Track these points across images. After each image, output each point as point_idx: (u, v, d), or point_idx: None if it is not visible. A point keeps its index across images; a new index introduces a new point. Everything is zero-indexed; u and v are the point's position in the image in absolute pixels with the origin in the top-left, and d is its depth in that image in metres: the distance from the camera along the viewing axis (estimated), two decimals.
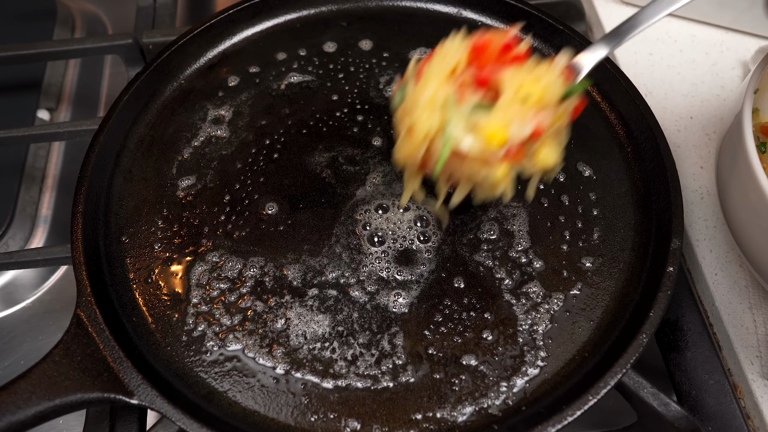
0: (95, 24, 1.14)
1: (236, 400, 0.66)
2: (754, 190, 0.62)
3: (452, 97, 0.60)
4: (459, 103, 0.60)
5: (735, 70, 0.94)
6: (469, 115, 0.60)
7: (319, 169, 0.80)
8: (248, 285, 0.72)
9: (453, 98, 0.60)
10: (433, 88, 0.59)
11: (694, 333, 0.76)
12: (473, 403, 0.65)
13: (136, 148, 0.82)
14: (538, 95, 0.60)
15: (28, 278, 0.89)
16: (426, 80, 0.61)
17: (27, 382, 0.61)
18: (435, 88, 0.60)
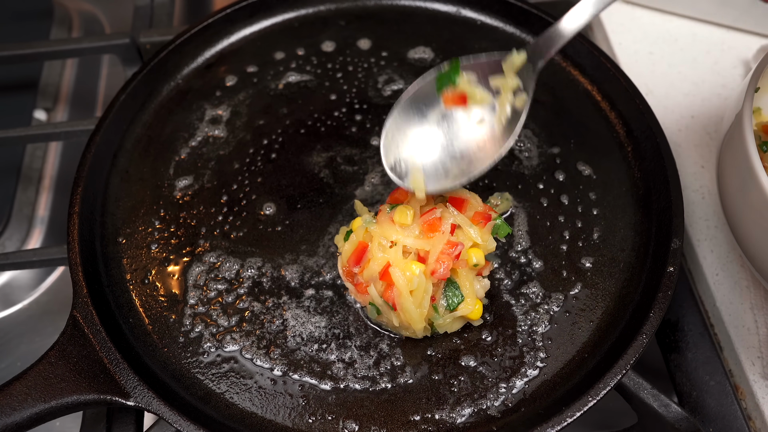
0: (92, 23, 1.14)
1: (233, 402, 0.65)
2: (755, 189, 0.62)
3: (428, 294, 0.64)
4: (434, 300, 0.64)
5: (736, 69, 0.94)
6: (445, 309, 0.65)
7: (317, 169, 0.80)
8: (246, 286, 0.72)
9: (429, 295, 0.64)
10: (414, 310, 0.63)
11: (694, 334, 0.75)
12: (472, 404, 0.65)
13: (133, 148, 0.82)
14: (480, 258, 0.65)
15: (24, 279, 0.89)
16: (404, 307, 0.63)
17: (23, 383, 0.61)
18: (416, 311, 0.63)
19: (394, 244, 0.65)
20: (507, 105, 0.63)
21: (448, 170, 0.62)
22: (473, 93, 0.63)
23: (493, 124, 0.62)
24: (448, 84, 0.63)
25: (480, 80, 0.63)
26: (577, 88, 0.85)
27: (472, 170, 0.62)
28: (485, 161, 0.61)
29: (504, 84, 0.63)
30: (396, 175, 0.62)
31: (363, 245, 0.68)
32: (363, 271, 0.67)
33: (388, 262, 0.65)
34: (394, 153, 0.62)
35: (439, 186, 0.61)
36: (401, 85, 0.86)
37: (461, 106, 0.63)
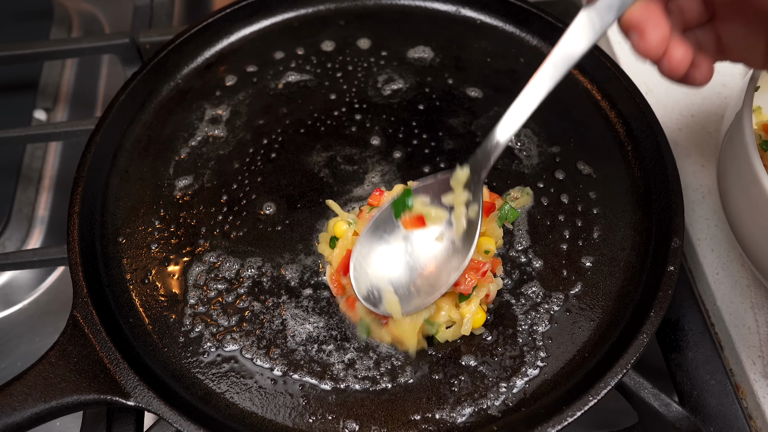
0: (92, 23, 1.14)
1: (234, 402, 0.65)
2: (755, 188, 0.62)
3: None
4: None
5: (736, 68, 0.94)
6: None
7: (317, 168, 0.80)
8: (246, 285, 0.72)
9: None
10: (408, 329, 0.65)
11: (695, 333, 0.75)
12: (472, 403, 0.65)
13: (133, 148, 0.81)
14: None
15: (24, 279, 0.89)
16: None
17: (23, 383, 0.61)
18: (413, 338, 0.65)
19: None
20: (462, 218, 0.66)
21: (419, 288, 0.65)
22: (428, 213, 0.67)
23: (452, 238, 0.66)
24: (404, 209, 0.67)
25: (433, 200, 0.68)
26: (577, 87, 0.85)
27: (441, 284, 0.65)
28: (452, 273, 0.65)
29: (455, 199, 0.67)
30: (371, 304, 0.65)
31: (350, 253, 0.68)
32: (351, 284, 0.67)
33: None
34: (365, 282, 0.65)
35: (413, 306, 0.64)
36: (401, 85, 0.86)
37: (420, 227, 0.67)
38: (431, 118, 0.83)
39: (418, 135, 0.82)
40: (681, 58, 0.55)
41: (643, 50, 0.54)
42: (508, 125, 0.65)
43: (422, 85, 0.86)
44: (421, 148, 0.81)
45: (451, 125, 0.83)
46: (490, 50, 0.89)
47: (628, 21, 0.54)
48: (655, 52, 0.54)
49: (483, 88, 0.86)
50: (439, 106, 0.84)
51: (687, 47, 0.55)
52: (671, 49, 0.54)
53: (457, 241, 0.66)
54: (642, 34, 0.53)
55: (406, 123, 0.83)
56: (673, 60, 0.55)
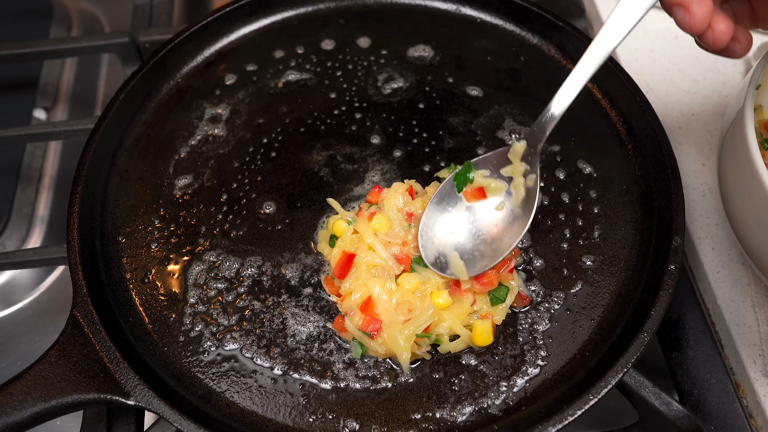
0: (92, 22, 1.14)
1: (234, 401, 0.65)
2: (756, 187, 0.62)
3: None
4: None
5: (737, 67, 0.94)
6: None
7: (317, 167, 0.80)
8: (246, 285, 0.72)
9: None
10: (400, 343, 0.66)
11: (695, 332, 0.75)
12: (473, 402, 0.65)
13: (133, 147, 0.81)
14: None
15: (25, 279, 0.89)
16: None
17: (23, 383, 0.61)
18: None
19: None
20: (521, 187, 0.71)
21: (482, 253, 0.69)
22: (488, 184, 0.72)
23: (512, 206, 0.71)
24: (466, 182, 0.72)
25: (492, 173, 0.72)
26: None
27: (504, 248, 0.69)
28: (514, 238, 0.69)
29: (514, 170, 0.71)
30: (439, 269, 0.68)
31: (348, 255, 0.69)
32: (343, 300, 0.68)
33: (370, 296, 0.67)
34: (432, 250, 0.69)
35: (478, 268, 0.68)
36: (401, 84, 0.86)
37: (481, 199, 0.72)
38: (431, 117, 0.83)
39: (419, 134, 0.82)
40: (724, 31, 0.58)
41: (690, 25, 0.57)
42: (563, 97, 0.69)
43: (422, 84, 0.86)
44: (422, 146, 0.81)
45: (451, 124, 0.83)
46: (490, 49, 0.89)
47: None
48: (701, 27, 0.57)
49: (483, 86, 0.85)
50: (439, 104, 0.84)
51: (728, 20, 0.58)
52: (714, 22, 0.57)
53: (517, 209, 0.70)
54: (688, 9, 0.56)
55: (406, 122, 0.83)
56: (717, 32, 0.58)
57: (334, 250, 0.71)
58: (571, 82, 0.68)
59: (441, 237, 0.70)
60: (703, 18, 0.57)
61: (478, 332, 0.66)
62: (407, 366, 0.66)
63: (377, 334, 0.65)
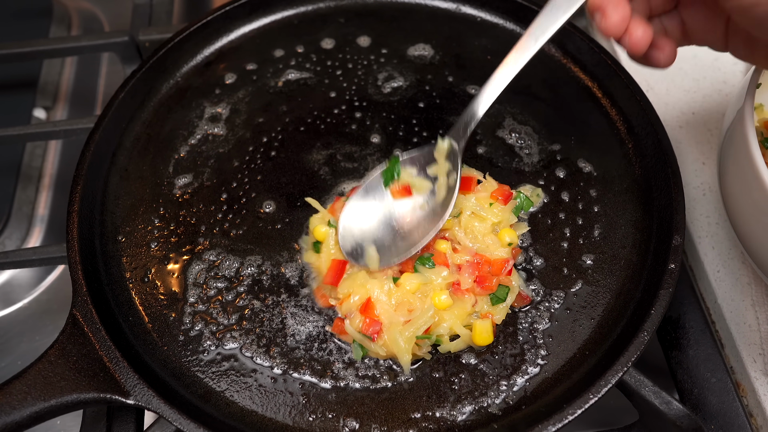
0: (91, 22, 1.14)
1: (234, 400, 0.65)
2: (756, 186, 0.62)
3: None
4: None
5: (737, 65, 0.93)
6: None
7: (317, 166, 0.80)
8: (245, 284, 0.72)
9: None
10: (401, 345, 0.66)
11: (696, 331, 0.75)
12: (473, 402, 0.65)
13: (133, 146, 0.81)
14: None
15: (24, 278, 0.89)
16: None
17: (22, 382, 0.61)
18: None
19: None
20: (443, 188, 0.72)
21: (398, 248, 0.70)
22: (414, 183, 0.73)
23: (434, 206, 0.71)
24: (392, 178, 0.73)
25: (419, 171, 0.73)
26: (578, 85, 0.85)
27: (417, 243, 0.70)
28: (428, 234, 0.70)
29: (439, 170, 0.72)
30: (353, 258, 0.69)
31: (340, 262, 0.69)
32: (342, 303, 0.68)
33: (369, 298, 0.66)
34: (350, 241, 0.70)
35: (390, 261, 0.69)
36: (401, 82, 0.86)
37: (406, 197, 0.72)
38: (431, 116, 0.83)
39: (419, 133, 0.82)
40: (641, 37, 0.61)
41: (604, 28, 0.60)
42: (485, 98, 0.71)
43: (422, 83, 0.86)
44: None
45: (451, 123, 0.82)
46: (490, 48, 0.89)
47: (593, 3, 0.61)
48: (616, 30, 0.60)
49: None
50: (439, 103, 0.84)
51: (646, 27, 0.61)
52: (631, 28, 0.60)
53: (437, 208, 0.71)
54: (604, 13, 0.60)
55: (406, 121, 0.83)
56: (633, 37, 0.61)
57: (321, 257, 0.71)
58: (493, 84, 0.70)
59: (361, 228, 0.71)
60: (618, 22, 0.59)
61: (478, 332, 0.66)
62: (408, 367, 0.66)
63: (378, 336, 0.65)
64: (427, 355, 0.67)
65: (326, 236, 0.71)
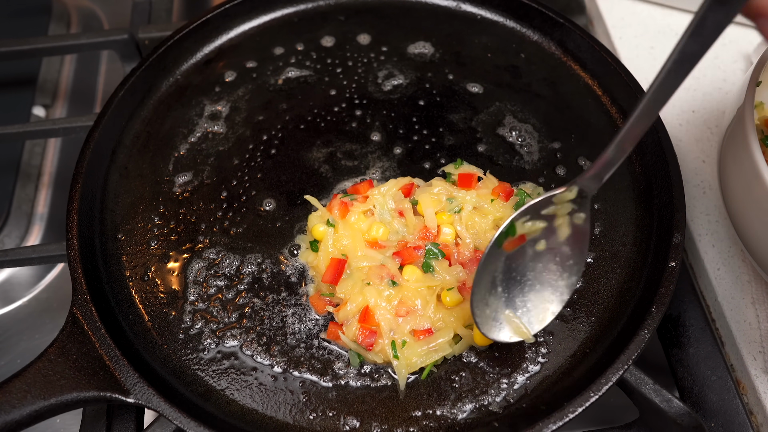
0: (91, 19, 1.14)
1: (234, 399, 0.65)
2: (757, 184, 0.61)
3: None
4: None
5: (737, 63, 0.93)
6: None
7: (317, 164, 0.80)
8: (246, 282, 0.72)
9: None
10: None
11: (696, 329, 0.75)
12: (473, 400, 0.65)
13: (132, 144, 0.81)
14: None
15: (24, 276, 0.88)
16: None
17: (22, 381, 0.60)
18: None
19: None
20: (565, 225, 0.63)
21: (538, 303, 0.64)
22: (526, 227, 0.63)
23: (557, 244, 0.64)
24: (507, 236, 0.63)
25: (532, 217, 0.63)
26: (578, 83, 0.85)
27: (561, 289, 0.64)
28: (572, 275, 0.64)
29: (556, 210, 0.63)
30: (499, 338, 0.63)
31: (338, 261, 0.68)
32: (339, 310, 0.67)
33: (367, 306, 0.66)
34: (489, 318, 0.63)
35: (541, 325, 0.64)
36: (401, 80, 0.86)
37: (521, 243, 0.64)
38: (432, 114, 0.83)
39: (419, 131, 0.82)
40: None
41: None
42: (623, 141, 0.59)
43: (422, 81, 0.86)
44: (422, 143, 0.81)
45: (451, 121, 0.82)
46: (490, 45, 0.88)
47: (759, 7, 0.52)
48: None
49: (484, 83, 0.85)
50: (439, 101, 0.84)
51: None
52: None
53: (564, 247, 0.64)
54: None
55: (406, 119, 0.83)
56: None
57: (319, 256, 0.70)
58: (633, 124, 0.58)
59: (490, 299, 0.63)
60: None
61: (478, 331, 0.66)
62: (404, 381, 0.65)
63: (372, 346, 0.65)
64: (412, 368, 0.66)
65: (324, 235, 0.71)
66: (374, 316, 0.65)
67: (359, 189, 0.74)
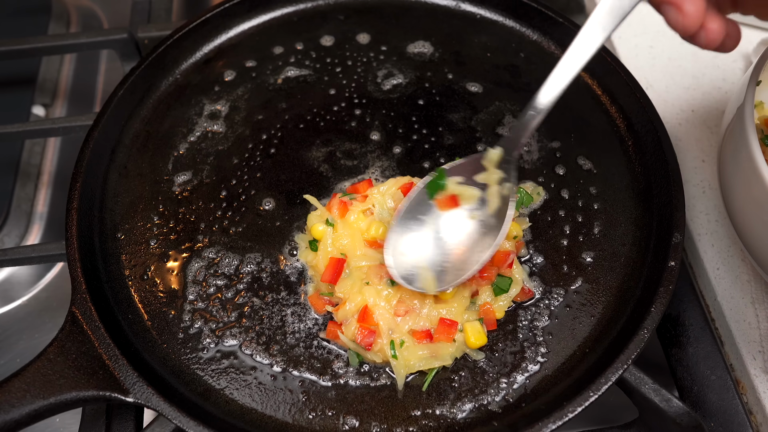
0: (90, 19, 1.14)
1: (233, 398, 0.65)
2: (756, 183, 0.61)
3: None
4: None
5: (737, 63, 0.93)
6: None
7: (316, 163, 0.80)
8: (245, 281, 0.72)
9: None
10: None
11: (695, 328, 0.75)
12: (473, 399, 0.65)
13: (132, 143, 0.81)
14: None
15: (23, 276, 0.89)
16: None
17: (21, 380, 0.60)
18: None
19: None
20: (495, 196, 0.67)
21: (453, 265, 0.66)
22: (462, 192, 0.68)
23: (486, 216, 0.67)
24: (438, 189, 0.68)
25: (467, 180, 0.68)
26: (577, 82, 0.84)
27: (471, 262, 0.66)
28: (484, 251, 0.66)
29: (489, 178, 0.67)
30: (407, 282, 0.65)
31: (337, 261, 0.68)
32: (338, 309, 0.67)
33: (366, 306, 0.66)
34: (401, 263, 0.66)
35: (447, 283, 0.65)
36: (400, 80, 0.86)
37: (454, 208, 0.68)
38: (431, 113, 0.83)
39: (418, 130, 0.82)
40: (717, 30, 0.54)
41: (683, 25, 0.53)
42: (548, 92, 0.63)
43: (422, 80, 0.86)
44: (421, 143, 0.81)
45: (451, 120, 0.82)
46: (490, 45, 0.88)
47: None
48: (693, 26, 0.53)
49: (483, 82, 0.85)
50: (439, 101, 0.84)
51: (720, 18, 0.54)
52: (707, 21, 0.53)
53: (490, 219, 0.67)
54: (680, 8, 0.52)
55: (405, 118, 0.83)
56: (711, 32, 0.54)
57: (318, 256, 0.70)
58: (559, 74, 0.63)
59: (411, 249, 0.67)
60: (696, 17, 0.53)
61: (469, 335, 0.66)
62: (402, 381, 0.65)
63: (371, 346, 0.65)
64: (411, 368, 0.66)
65: (323, 234, 0.71)
66: (373, 315, 0.65)
67: (358, 188, 0.74)
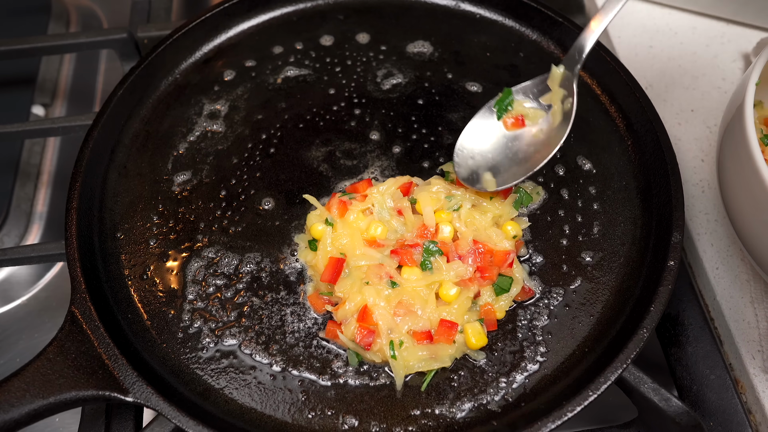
0: (90, 18, 1.14)
1: (233, 397, 0.65)
2: (756, 183, 0.62)
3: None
4: None
5: (736, 63, 0.93)
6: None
7: (316, 163, 0.80)
8: (244, 281, 0.72)
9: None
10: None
11: (695, 328, 0.75)
12: (472, 399, 0.65)
13: (131, 143, 0.81)
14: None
15: (23, 275, 0.89)
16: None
17: (21, 380, 0.60)
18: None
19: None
20: (558, 114, 0.73)
21: (514, 172, 0.73)
22: (528, 113, 0.75)
23: (549, 131, 0.73)
24: (506, 110, 0.75)
25: (533, 101, 0.75)
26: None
27: (532, 167, 0.72)
28: (545, 158, 0.72)
29: (553, 98, 0.74)
30: (470, 183, 0.72)
31: (337, 260, 0.68)
32: (338, 309, 0.67)
33: (365, 306, 0.66)
34: (466, 168, 0.73)
35: (508, 181, 0.72)
36: (400, 79, 0.86)
37: (521, 128, 0.74)
38: (431, 113, 0.83)
39: (418, 130, 0.82)
40: None
41: None
42: (604, 16, 0.70)
43: (421, 80, 0.86)
44: (421, 142, 0.81)
45: (450, 120, 0.82)
46: (489, 45, 0.88)
47: None
48: None
49: (483, 82, 0.85)
50: (438, 100, 0.84)
51: None
52: None
53: (553, 132, 0.73)
54: None
55: (405, 118, 0.83)
56: None
57: (318, 255, 0.70)
58: (605, 11, 0.70)
59: (477, 156, 0.73)
60: None
61: (469, 336, 0.66)
62: (401, 381, 0.65)
63: (371, 346, 0.65)
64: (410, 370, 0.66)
65: (323, 234, 0.71)
66: (372, 315, 0.65)
67: (358, 188, 0.74)
